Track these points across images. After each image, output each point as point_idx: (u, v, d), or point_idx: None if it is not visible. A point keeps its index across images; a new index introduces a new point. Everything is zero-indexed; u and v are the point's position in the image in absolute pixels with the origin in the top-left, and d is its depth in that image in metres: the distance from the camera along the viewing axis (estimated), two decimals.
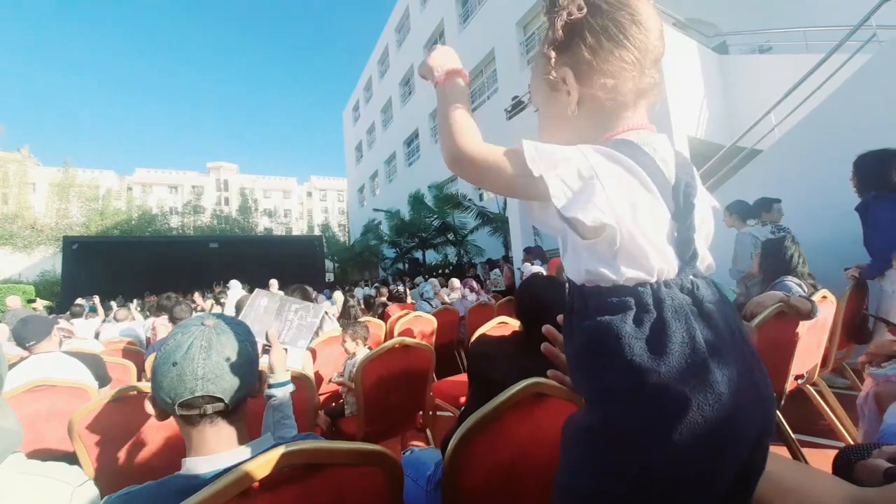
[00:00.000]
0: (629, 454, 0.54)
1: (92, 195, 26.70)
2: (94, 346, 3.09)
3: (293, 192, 54.79)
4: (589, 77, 0.62)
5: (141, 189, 41.74)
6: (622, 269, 0.56)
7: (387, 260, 19.75)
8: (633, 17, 0.59)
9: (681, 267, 0.58)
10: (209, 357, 0.72)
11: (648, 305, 0.55)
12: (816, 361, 2.20)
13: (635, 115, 0.64)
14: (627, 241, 0.55)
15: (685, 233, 0.59)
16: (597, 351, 0.57)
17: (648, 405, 0.52)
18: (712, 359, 0.52)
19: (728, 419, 0.51)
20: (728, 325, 0.57)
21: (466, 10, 16.66)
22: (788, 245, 2.31)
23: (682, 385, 0.51)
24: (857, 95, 3.76)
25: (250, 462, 0.62)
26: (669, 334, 0.53)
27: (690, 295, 0.57)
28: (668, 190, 0.59)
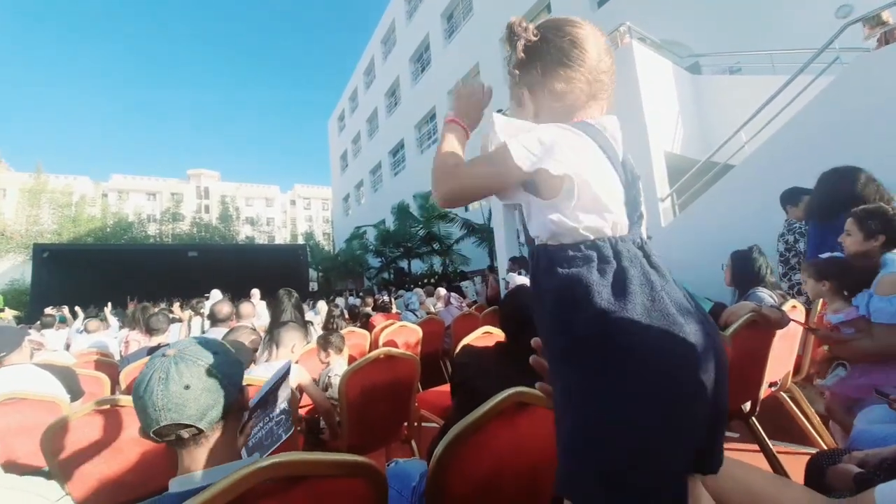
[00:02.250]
0: (606, 403, 0.56)
1: (65, 201, 25.83)
2: (66, 358, 2.97)
3: (276, 200, 54.09)
4: (542, 93, 0.73)
5: (117, 196, 40.48)
6: (581, 217, 0.63)
7: (372, 269, 19.61)
8: (573, 42, 0.70)
9: (630, 227, 0.66)
10: (167, 388, 0.74)
11: (608, 257, 0.61)
12: (789, 369, 2.28)
13: (587, 111, 0.73)
14: (584, 191, 0.62)
15: (634, 198, 0.67)
16: (568, 302, 0.61)
17: (620, 345, 0.56)
18: (667, 297, 0.59)
19: (694, 358, 0.56)
20: (671, 276, 0.65)
21: (451, 26, 16.96)
22: (756, 256, 2.40)
23: (648, 320, 0.56)
24: (821, 115, 3.97)
25: (229, 477, 0.62)
26: (630, 278, 0.59)
27: (641, 249, 0.64)
28: (617, 162, 0.68)
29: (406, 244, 16.03)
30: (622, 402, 0.55)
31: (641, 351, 0.55)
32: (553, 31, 0.72)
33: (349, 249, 21.15)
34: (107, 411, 1.36)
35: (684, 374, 0.55)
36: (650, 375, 0.54)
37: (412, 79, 19.71)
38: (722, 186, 4.85)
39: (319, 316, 5.24)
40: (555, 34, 0.72)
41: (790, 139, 4.17)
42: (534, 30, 0.72)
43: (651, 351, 0.55)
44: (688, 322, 0.58)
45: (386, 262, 18.01)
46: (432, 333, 4.12)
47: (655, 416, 0.53)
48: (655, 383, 0.54)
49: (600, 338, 0.57)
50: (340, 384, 1.95)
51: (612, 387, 0.56)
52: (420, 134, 19.47)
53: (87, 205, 27.75)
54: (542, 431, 1.03)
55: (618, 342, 0.56)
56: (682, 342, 0.55)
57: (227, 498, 0.61)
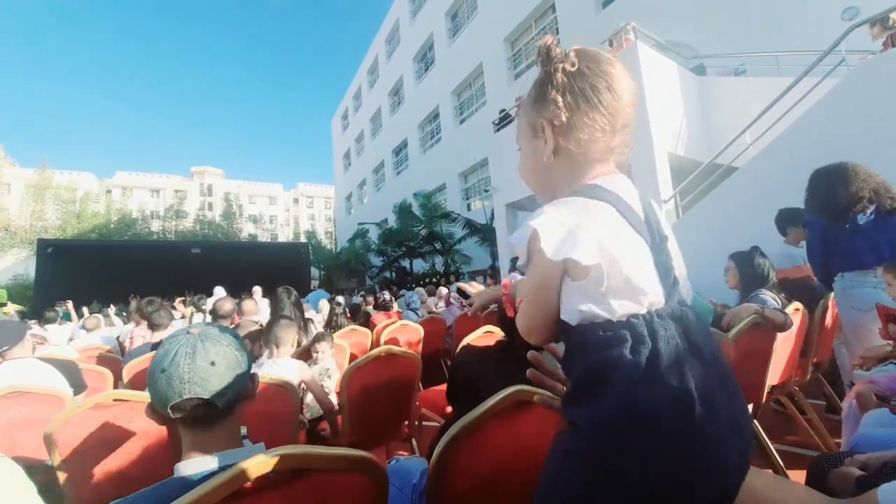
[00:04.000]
0: (616, 479, 0.56)
1: (69, 197, 25.96)
2: (69, 352, 2.99)
3: (279, 198, 54.23)
4: (566, 133, 0.67)
5: (121, 192, 40.70)
6: (613, 305, 0.59)
7: (374, 268, 19.64)
8: (608, 85, 0.65)
9: (666, 295, 0.62)
10: (194, 362, 0.76)
11: (643, 336, 0.58)
12: (791, 372, 2.28)
13: (605, 167, 0.69)
14: (614, 275, 0.58)
15: (664, 262, 0.64)
16: (596, 383, 0.60)
17: (640, 435, 0.55)
18: (698, 389, 0.56)
19: (710, 450, 0.55)
20: (712, 354, 0.61)
21: (455, 25, 16.95)
22: (759, 258, 2.39)
23: (671, 416, 0.54)
24: (826, 117, 3.95)
25: (235, 467, 0.63)
26: (663, 366, 0.56)
27: (680, 324, 0.60)
28: (641, 225, 0.64)
29: (408, 243, 16.04)
30: (623, 484, 0.56)
31: (653, 445, 0.55)
32: (591, 67, 0.66)
33: (351, 248, 21.20)
34: (110, 405, 1.37)
35: (699, 465, 0.55)
36: (656, 471, 0.54)
37: (416, 78, 19.72)
38: (725, 189, 4.84)
39: (321, 314, 5.25)
40: (592, 70, 0.66)
41: (795, 142, 4.15)
42: (573, 58, 0.66)
43: (663, 448, 0.54)
44: (712, 417, 0.56)
45: (388, 261, 18.04)
46: (433, 332, 4.12)
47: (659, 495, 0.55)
48: (665, 472, 0.55)
49: (622, 423, 0.57)
50: (342, 382, 1.95)
51: (620, 467, 0.56)
52: (423, 133, 19.49)
53: (92, 201, 27.86)
54: (543, 430, 1.04)
55: (639, 432, 0.55)
56: (702, 436, 0.55)
57: (230, 489, 0.61)
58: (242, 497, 0.63)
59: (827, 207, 2.38)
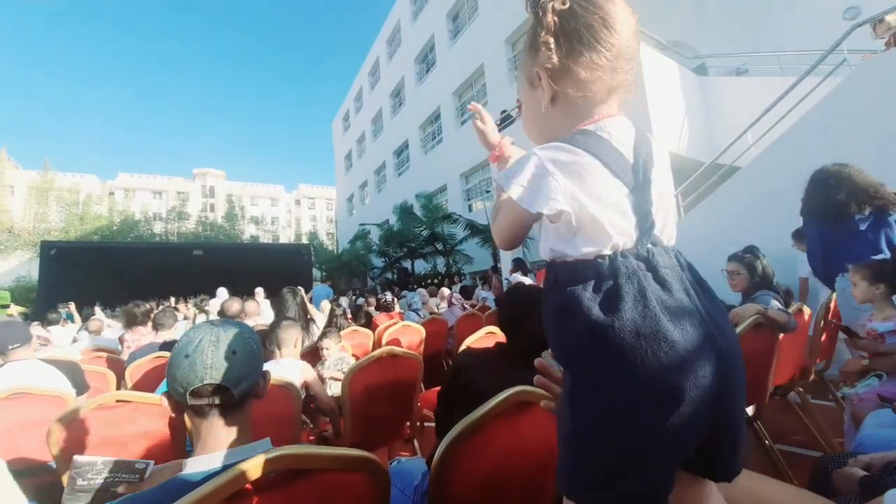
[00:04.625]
0: (596, 410, 0.58)
1: (72, 199, 26.09)
2: (72, 353, 3.00)
3: (281, 199, 54.34)
4: (562, 77, 0.66)
5: (123, 194, 40.84)
6: (579, 246, 0.63)
7: (375, 269, 19.65)
8: (604, 21, 0.63)
9: (638, 237, 0.63)
10: (217, 349, 0.80)
11: (605, 274, 0.61)
12: (794, 372, 2.27)
13: (606, 108, 0.69)
14: (583, 221, 0.61)
15: (643, 206, 0.64)
16: (562, 317, 0.63)
17: (607, 360, 0.57)
18: (664, 314, 0.57)
19: (683, 366, 0.55)
20: (683, 286, 0.62)
21: (457, 27, 16.96)
22: (759, 258, 2.38)
23: (636, 337, 0.56)
24: (828, 117, 3.94)
25: (236, 467, 0.63)
26: (622, 295, 0.58)
27: (645, 262, 0.62)
28: (626, 167, 0.64)
29: (409, 244, 16.04)
30: (610, 411, 0.57)
31: (624, 368, 0.56)
32: (583, 4, 0.64)
33: (353, 249, 21.21)
34: (113, 407, 1.38)
35: (671, 385, 0.55)
36: (633, 391, 0.56)
37: (417, 79, 19.74)
38: (727, 189, 4.83)
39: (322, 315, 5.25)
40: (585, 8, 0.64)
41: (797, 141, 4.14)
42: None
43: (637, 364, 0.55)
44: (686, 338, 0.56)
45: (389, 262, 18.04)
46: (435, 333, 4.12)
47: (642, 424, 0.56)
48: (638, 399, 0.56)
49: (588, 351, 0.59)
50: (344, 382, 1.95)
51: (600, 396, 0.59)
52: (424, 134, 19.49)
53: (94, 203, 27.98)
54: (545, 430, 1.03)
55: (605, 355, 0.57)
56: (671, 361, 0.55)
57: (232, 489, 0.61)
58: (245, 497, 0.63)
59: (824, 208, 2.39)
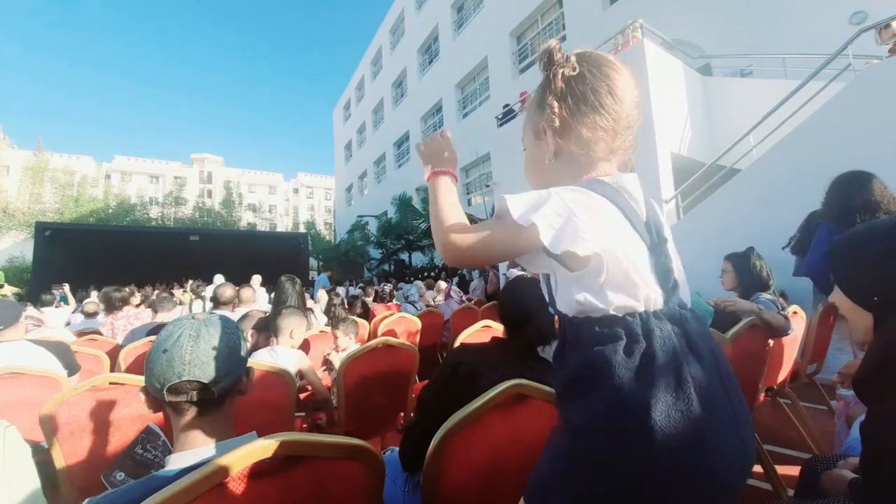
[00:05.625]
0: (609, 481, 0.55)
1: (67, 181, 25.79)
2: (65, 335, 2.98)
3: (279, 187, 54.01)
4: (567, 134, 0.68)
5: (120, 177, 40.44)
6: (610, 297, 0.59)
7: (373, 261, 19.62)
8: (610, 89, 0.67)
9: (665, 297, 0.61)
10: (197, 345, 0.76)
11: (638, 335, 0.57)
12: (786, 375, 2.29)
13: (607, 166, 0.69)
14: (613, 268, 0.58)
15: (664, 264, 0.63)
16: (588, 380, 0.59)
17: (629, 434, 0.54)
18: (696, 393, 0.54)
19: (709, 455, 0.54)
20: (712, 357, 0.60)
21: (461, 18, 16.79)
22: (755, 260, 2.39)
23: (667, 419, 0.53)
24: (831, 122, 3.93)
25: (228, 455, 0.62)
26: (658, 366, 0.55)
27: (679, 325, 0.59)
28: (641, 225, 0.63)
29: (407, 236, 16.01)
30: (614, 484, 0.55)
31: (643, 454, 0.53)
32: (593, 71, 0.67)
33: (350, 240, 21.15)
34: (106, 389, 1.37)
35: (686, 485, 0.53)
36: (648, 478, 0.54)
37: (420, 70, 19.57)
38: (728, 190, 4.83)
39: (319, 304, 5.25)
40: (594, 75, 0.67)
41: (798, 145, 4.14)
42: (574, 63, 0.67)
43: (660, 448, 0.53)
44: (713, 430, 0.54)
45: (387, 254, 18.02)
46: (431, 326, 4.12)
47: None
48: (653, 478, 0.53)
49: (611, 420, 0.56)
50: (339, 371, 1.95)
51: (609, 468, 0.55)
52: (426, 126, 19.37)
53: (90, 185, 27.67)
54: (540, 423, 1.03)
55: (628, 429, 0.54)
56: (695, 452, 0.53)
57: (227, 475, 0.61)
58: (238, 483, 0.62)
59: (837, 211, 2.37)
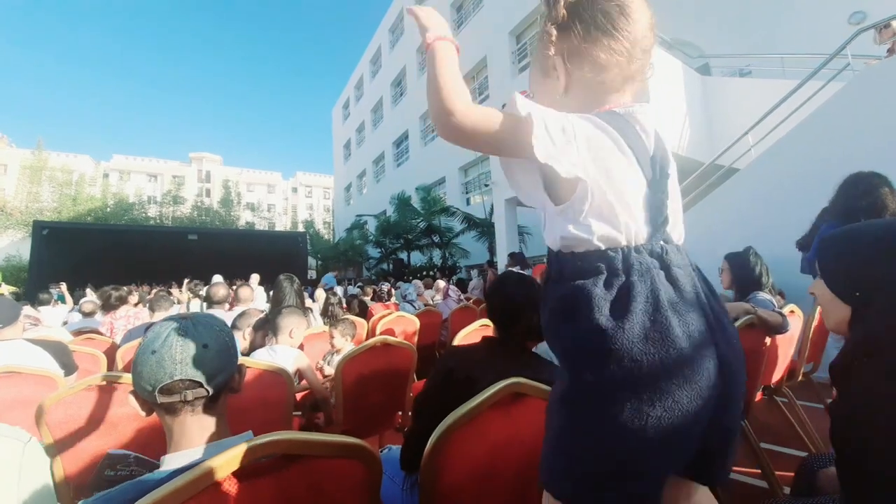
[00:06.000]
0: (593, 411, 0.56)
1: (65, 180, 25.71)
2: (62, 334, 2.97)
3: (278, 186, 53.94)
4: (579, 63, 0.65)
5: (118, 176, 40.41)
6: (593, 227, 0.58)
7: (371, 260, 19.61)
8: (621, 9, 0.63)
9: (651, 232, 0.60)
10: (186, 343, 0.75)
11: (618, 269, 0.58)
12: (783, 373, 2.29)
13: (621, 96, 0.67)
14: (598, 197, 0.57)
15: (659, 200, 0.62)
16: (568, 312, 0.60)
17: (611, 362, 0.55)
18: (674, 318, 0.55)
19: (689, 376, 0.54)
20: (694, 288, 0.60)
21: (461, 17, 16.78)
22: (753, 259, 2.39)
23: (644, 342, 0.54)
24: (830, 121, 3.94)
25: (224, 454, 0.62)
26: (634, 295, 0.56)
27: (659, 259, 0.59)
28: (646, 158, 0.62)
29: (406, 236, 16.01)
30: (607, 418, 0.55)
31: (630, 373, 0.54)
32: None
33: (349, 239, 21.14)
34: (103, 387, 1.36)
35: (673, 398, 0.53)
36: (636, 396, 0.54)
37: (419, 69, 19.54)
38: (726, 190, 4.84)
39: (317, 303, 5.24)
40: None
41: (797, 145, 4.15)
42: None
43: (642, 370, 0.53)
44: (693, 344, 0.55)
45: (385, 253, 18.00)
46: (429, 325, 4.12)
47: (638, 435, 0.54)
48: (641, 405, 0.54)
49: (592, 351, 0.56)
50: (337, 370, 1.95)
51: (598, 397, 0.56)
52: (424, 126, 19.35)
53: (88, 184, 27.60)
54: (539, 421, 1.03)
55: (610, 357, 0.55)
56: (677, 368, 0.54)
57: (222, 474, 0.60)
58: (232, 483, 0.62)
59: (842, 210, 2.38)
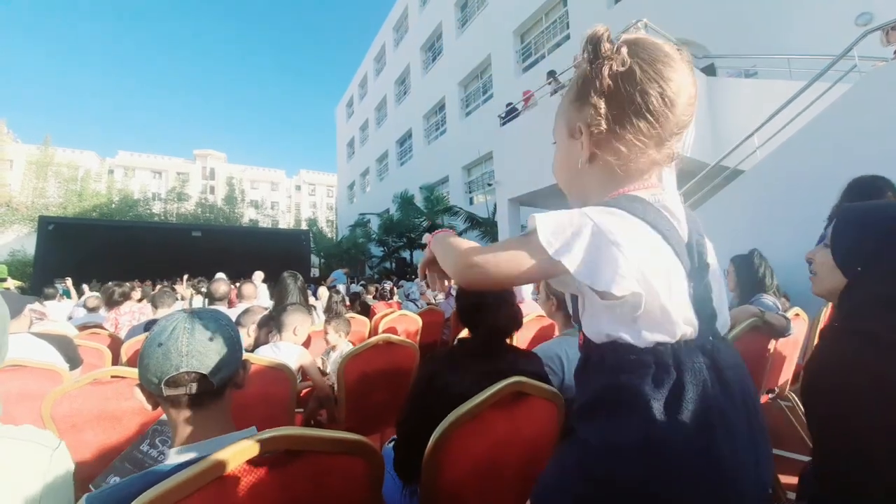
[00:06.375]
0: (612, 498, 0.54)
1: (71, 176, 25.88)
2: (68, 329, 2.99)
3: (281, 184, 54.08)
4: (604, 144, 0.60)
5: (123, 172, 40.54)
6: (643, 334, 0.55)
7: (374, 258, 19.65)
8: (662, 92, 0.56)
9: (700, 327, 0.56)
10: (193, 336, 0.76)
11: (668, 366, 0.54)
12: (788, 377, 2.28)
13: (647, 179, 0.62)
14: (651, 303, 0.53)
15: (702, 292, 0.58)
16: (613, 405, 0.57)
17: (653, 464, 0.52)
18: (721, 428, 0.53)
19: (726, 490, 0.52)
20: (742, 392, 0.57)
21: (465, 15, 16.76)
22: (758, 262, 2.38)
23: (689, 451, 0.52)
24: (836, 123, 3.91)
25: (229, 448, 0.62)
26: (686, 399, 0.53)
27: (710, 358, 0.56)
28: (682, 247, 0.57)
29: (409, 234, 16.03)
30: None
31: (666, 485, 0.52)
32: (645, 69, 0.56)
33: (352, 237, 21.18)
34: (107, 382, 1.37)
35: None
36: (669, 498, 0.52)
37: (423, 68, 19.55)
38: (731, 191, 4.81)
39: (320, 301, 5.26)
40: (645, 72, 0.56)
41: (803, 147, 4.12)
42: (625, 56, 0.56)
43: (674, 491, 0.52)
44: (735, 465, 0.53)
45: (388, 252, 18.03)
46: (432, 323, 4.12)
47: None
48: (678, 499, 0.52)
49: (634, 448, 0.53)
50: (339, 368, 1.96)
51: (633, 494, 0.54)
52: (428, 124, 19.37)
53: (93, 180, 27.74)
54: (539, 420, 1.04)
55: (651, 460, 0.52)
56: (715, 480, 0.52)
57: (227, 468, 0.61)
58: (235, 478, 0.63)
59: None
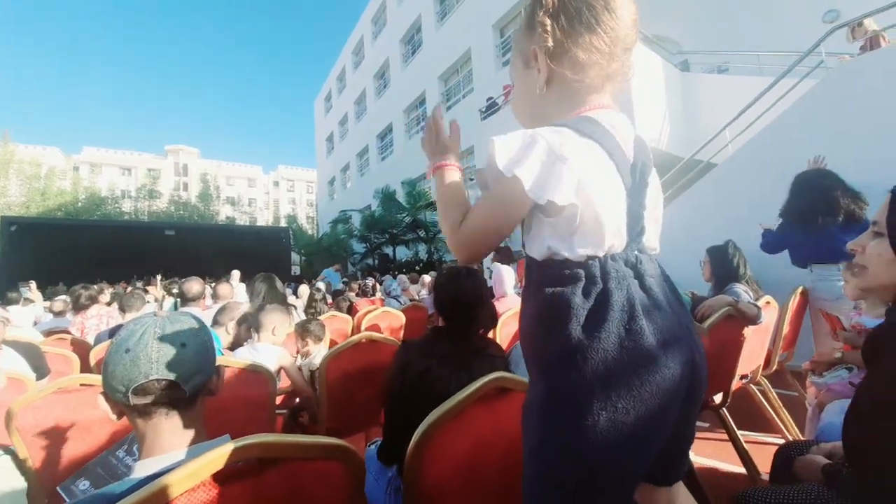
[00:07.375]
0: (572, 420, 0.57)
1: (33, 173, 24.67)
2: (33, 335, 2.85)
3: (259, 180, 52.86)
4: (559, 57, 0.64)
5: (89, 169, 38.92)
6: (576, 247, 0.60)
7: (356, 255, 19.45)
8: (606, 4, 0.62)
9: (628, 242, 0.62)
10: (163, 342, 0.71)
11: (596, 277, 0.59)
12: (760, 363, 2.36)
13: (601, 97, 0.66)
14: (587, 216, 0.58)
15: (636, 209, 0.63)
16: (548, 318, 0.61)
17: (588, 370, 0.56)
18: (649, 325, 0.57)
19: (663, 385, 0.56)
20: (665, 297, 0.62)
21: (444, 8, 16.62)
22: (732, 252, 2.46)
23: (620, 350, 0.55)
24: (804, 117, 4.05)
25: (198, 458, 0.60)
26: (612, 303, 0.57)
27: (633, 268, 0.61)
28: (626, 167, 0.62)
29: (391, 230, 15.92)
30: (582, 425, 0.56)
31: (605, 381, 0.55)
32: None
33: (333, 234, 20.89)
34: (75, 390, 1.31)
35: (648, 406, 0.55)
36: (611, 404, 0.55)
37: (402, 61, 19.32)
38: (703, 184, 4.94)
39: (301, 299, 5.17)
40: None
41: (772, 140, 4.25)
42: None
43: (615, 382, 0.55)
44: (665, 354, 0.57)
45: (370, 248, 17.87)
46: (416, 320, 4.11)
47: (614, 441, 0.55)
48: (616, 412, 0.55)
49: (570, 358, 0.57)
50: (321, 368, 1.92)
51: (573, 408, 0.57)
52: (409, 119, 19.19)
53: (57, 178, 26.53)
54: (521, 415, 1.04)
55: (587, 365, 0.56)
56: (651, 375, 0.55)
57: (197, 479, 0.59)
58: (206, 489, 0.60)
59: (801, 212, 2.49)
